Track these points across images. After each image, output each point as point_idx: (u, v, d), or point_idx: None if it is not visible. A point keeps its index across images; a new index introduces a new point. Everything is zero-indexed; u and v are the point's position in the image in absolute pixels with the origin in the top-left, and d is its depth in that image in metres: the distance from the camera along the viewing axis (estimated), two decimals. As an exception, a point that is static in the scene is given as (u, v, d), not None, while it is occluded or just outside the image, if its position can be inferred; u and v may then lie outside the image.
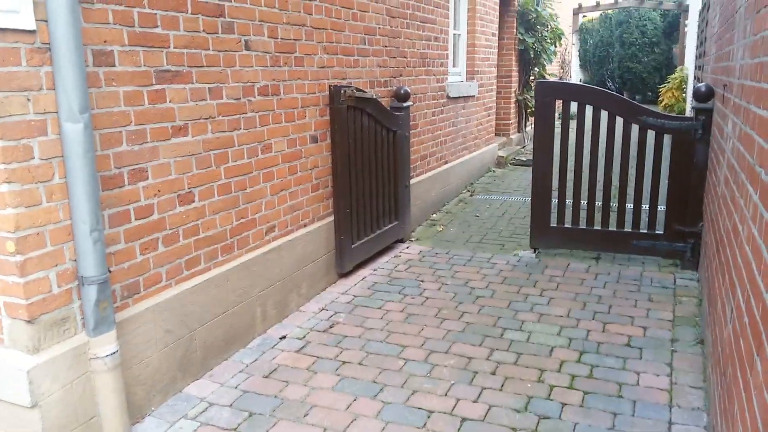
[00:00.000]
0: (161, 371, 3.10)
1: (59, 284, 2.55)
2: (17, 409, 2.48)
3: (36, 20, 2.37)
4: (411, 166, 6.02)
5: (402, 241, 5.77)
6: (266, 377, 3.39)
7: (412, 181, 6.00)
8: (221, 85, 3.42)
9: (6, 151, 2.32)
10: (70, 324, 2.62)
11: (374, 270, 5.08)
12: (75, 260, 2.60)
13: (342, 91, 4.47)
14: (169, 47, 3.05)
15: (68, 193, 2.54)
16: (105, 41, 2.71)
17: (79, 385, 2.63)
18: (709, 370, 3.20)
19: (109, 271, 2.69)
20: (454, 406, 3.09)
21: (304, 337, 3.88)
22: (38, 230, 2.46)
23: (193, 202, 3.28)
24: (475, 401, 3.13)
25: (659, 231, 5.05)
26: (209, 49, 3.31)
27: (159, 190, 3.05)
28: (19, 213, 2.38)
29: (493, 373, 3.40)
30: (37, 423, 2.46)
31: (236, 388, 3.28)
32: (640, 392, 3.19)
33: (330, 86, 4.49)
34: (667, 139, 4.97)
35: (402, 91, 5.49)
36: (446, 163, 7.30)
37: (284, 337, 3.87)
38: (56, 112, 2.48)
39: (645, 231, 5.12)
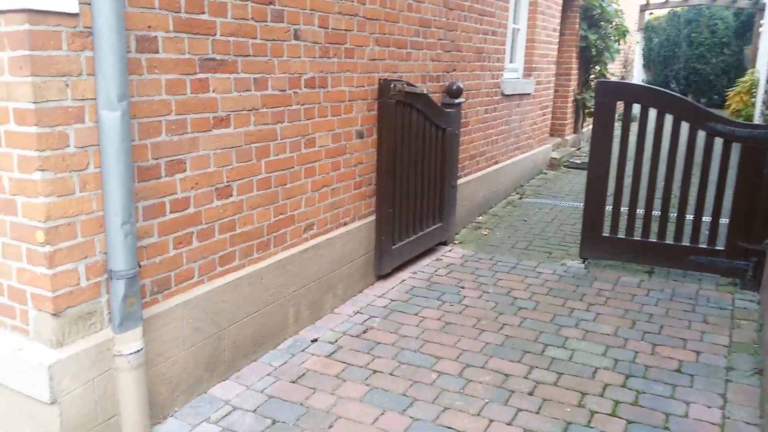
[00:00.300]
0: (187, 371, 3.03)
1: (88, 277, 2.50)
2: (35, 403, 2.44)
3: (79, 3, 2.31)
4: (459, 166, 5.82)
5: (445, 243, 5.61)
6: (293, 382, 3.30)
7: (459, 182, 5.82)
8: (267, 76, 3.32)
9: (41, 138, 2.26)
10: (96, 319, 2.56)
11: (414, 273, 4.94)
12: (105, 253, 2.53)
13: (392, 86, 4.33)
14: (215, 35, 2.97)
15: (102, 184, 2.47)
16: (149, 27, 2.63)
17: (100, 383, 2.58)
18: (767, 405, 2.96)
19: (139, 266, 2.63)
20: (487, 428, 2.94)
21: (336, 341, 3.77)
22: (69, 221, 2.40)
23: (231, 196, 3.20)
24: (509, 424, 2.98)
25: (719, 247, 4.78)
26: (257, 38, 3.22)
27: (196, 183, 2.97)
28: (50, 202, 2.32)
29: (531, 394, 3.24)
30: (55, 420, 2.42)
31: (262, 392, 3.20)
32: (689, 425, 2.98)
33: (380, 80, 4.35)
34: (735, 148, 4.66)
35: (454, 87, 5.31)
36: (496, 163, 7.09)
37: (316, 340, 3.77)
38: (94, 99, 2.41)
39: (704, 246, 4.84)
